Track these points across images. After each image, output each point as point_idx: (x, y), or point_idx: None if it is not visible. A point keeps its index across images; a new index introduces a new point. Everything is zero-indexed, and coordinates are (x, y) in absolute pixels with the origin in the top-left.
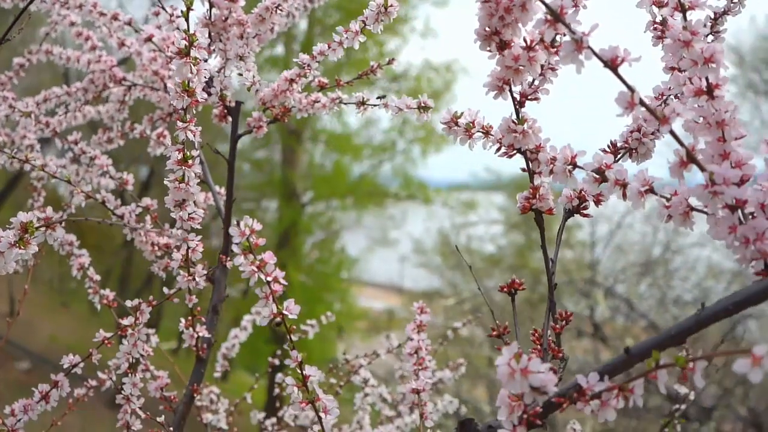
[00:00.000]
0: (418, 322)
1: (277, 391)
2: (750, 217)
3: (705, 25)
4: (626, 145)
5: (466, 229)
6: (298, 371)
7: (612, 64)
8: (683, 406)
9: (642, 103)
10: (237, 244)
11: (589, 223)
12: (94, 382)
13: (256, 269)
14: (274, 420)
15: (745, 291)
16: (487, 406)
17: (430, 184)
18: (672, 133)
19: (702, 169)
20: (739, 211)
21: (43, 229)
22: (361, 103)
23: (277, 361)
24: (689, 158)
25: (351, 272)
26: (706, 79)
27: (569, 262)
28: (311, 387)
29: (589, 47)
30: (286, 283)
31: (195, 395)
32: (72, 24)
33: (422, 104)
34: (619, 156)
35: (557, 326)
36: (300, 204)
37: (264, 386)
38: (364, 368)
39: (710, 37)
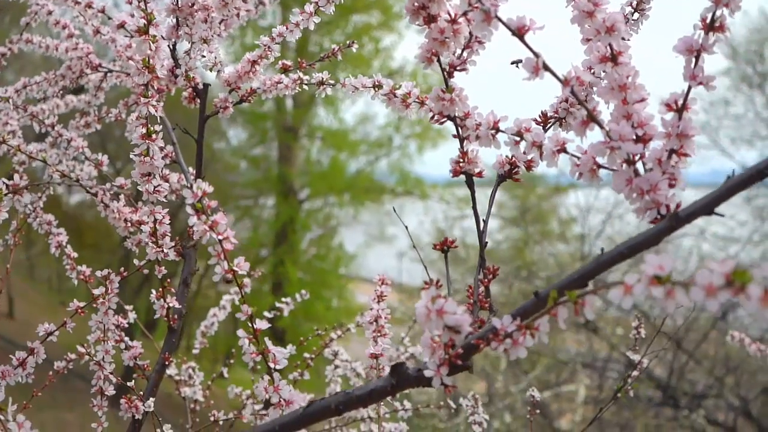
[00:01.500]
0: (379, 292)
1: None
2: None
3: (630, 3)
4: (556, 115)
5: (462, 221)
6: (249, 325)
7: (519, 32)
8: (635, 372)
9: (546, 67)
10: (190, 205)
11: (581, 215)
12: (72, 355)
13: (208, 228)
14: (249, 392)
15: (638, 236)
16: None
17: (427, 180)
18: (574, 94)
19: (601, 127)
20: (640, 165)
21: (10, 195)
22: (321, 83)
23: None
24: (590, 118)
25: (349, 268)
26: (610, 46)
27: (563, 255)
28: (261, 339)
29: (497, 17)
30: (236, 242)
31: (167, 363)
32: (50, 13)
33: (376, 83)
34: (549, 125)
35: (486, 280)
36: (297, 201)
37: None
38: (335, 342)
39: (636, 15)
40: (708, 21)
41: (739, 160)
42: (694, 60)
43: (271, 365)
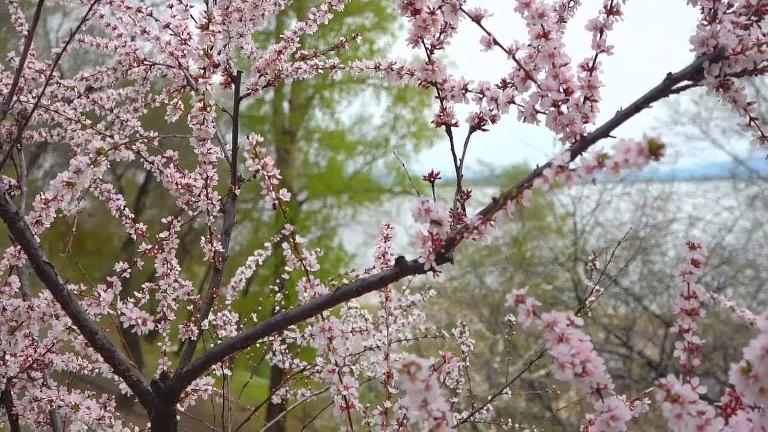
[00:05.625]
0: (385, 234)
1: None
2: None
3: None
4: (512, 81)
5: None
6: (291, 240)
7: (477, 18)
8: (592, 299)
9: (495, 42)
10: (247, 150)
11: (573, 202)
12: (132, 299)
13: (260, 168)
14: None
15: (562, 152)
16: (487, 392)
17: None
18: (515, 60)
19: (535, 81)
20: (564, 107)
21: (112, 150)
22: (333, 67)
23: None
24: (527, 76)
25: (349, 268)
26: (542, 26)
27: (559, 250)
28: (300, 249)
29: (461, 8)
30: (281, 177)
31: (214, 296)
32: (102, 16)
33: (377, 65)
34: (508, 88)
35: (462, 200)
36: (296, 202)
37: (267, 386)
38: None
39: (572, 3)
40: (608, 7)
41: (730, 150)
42: (599, 34)
43: (308, 269)
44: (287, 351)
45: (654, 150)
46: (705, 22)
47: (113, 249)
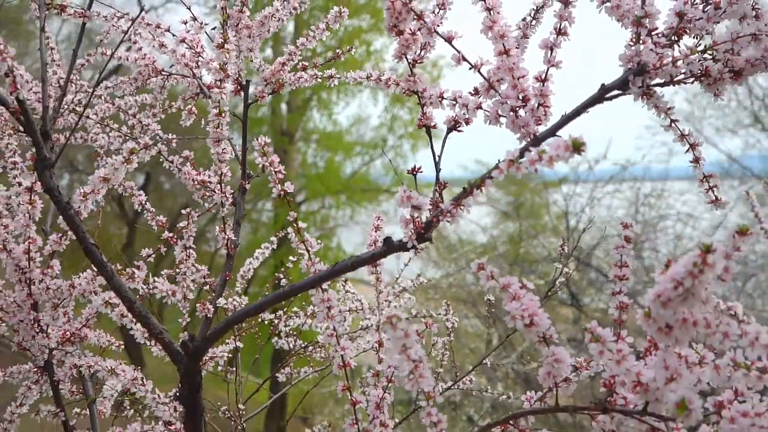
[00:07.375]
0: (375, 225)
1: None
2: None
3: (530, 14)
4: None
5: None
6: (295, 225)
7: (448, 39)
8: (562, 279)
9: (463, 58)
10: (256, 150)
11: (565, 199)
12: (166, 271)
13: (268, 165)
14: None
15: (516, 149)
16: (483, 386)
17: (422, 179)
18: (480, 73)
19: (496, 91)
20: (521, 112)
21: (143, 150)
22: (331, 77)
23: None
24: (490, 86)
25: None
26: (503, 45)
27: (553, 247)
28: (303, 232)
29: (436, 31)
30: (285, 173)
31: (227, 279)
32: (124, 32)
33: (369, 75)
34: (479, 96)
35: (440, 189)
36: (295, 203)
37: (267, 385)
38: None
39: (534, 21)
40: (558, 29)
41: (723, 149)
42: (549, 51)
43: (309, 249)
44: (292, 332)
45: (576, 147)
46: (631, 43)
47: (113, 251)
